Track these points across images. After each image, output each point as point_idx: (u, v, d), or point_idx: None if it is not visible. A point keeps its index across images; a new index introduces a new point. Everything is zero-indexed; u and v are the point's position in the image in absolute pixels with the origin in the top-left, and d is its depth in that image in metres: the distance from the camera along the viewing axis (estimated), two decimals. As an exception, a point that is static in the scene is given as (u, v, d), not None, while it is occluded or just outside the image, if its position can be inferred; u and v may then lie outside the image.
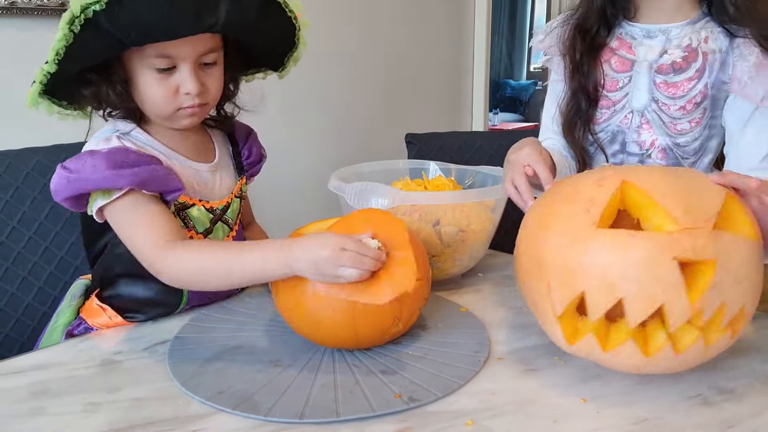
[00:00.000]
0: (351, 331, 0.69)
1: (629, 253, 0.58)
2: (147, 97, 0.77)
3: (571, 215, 0.64)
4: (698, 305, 0.58)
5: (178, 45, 0.73)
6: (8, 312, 1.00)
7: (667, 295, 0.58)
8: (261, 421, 0.59)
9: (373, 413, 0.59)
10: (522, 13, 6.52)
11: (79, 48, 0.68)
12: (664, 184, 0.62)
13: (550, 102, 1.14)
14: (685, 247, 0.57)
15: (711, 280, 0.57)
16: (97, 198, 0.74)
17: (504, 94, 6.40)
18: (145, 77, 0.75)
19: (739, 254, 0.59)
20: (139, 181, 0.73)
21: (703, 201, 0.60)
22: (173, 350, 0.73)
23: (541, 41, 1.12)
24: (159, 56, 0.74)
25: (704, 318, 0.59)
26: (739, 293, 0.59)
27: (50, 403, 0.63)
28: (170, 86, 0.76)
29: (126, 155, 0.74)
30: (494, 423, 0.59)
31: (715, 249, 0.58)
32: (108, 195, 0.73)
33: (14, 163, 1.02)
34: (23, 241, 1.01)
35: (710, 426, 0.58)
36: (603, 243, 0.60)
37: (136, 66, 0.75)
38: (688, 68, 0.96)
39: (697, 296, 0.58)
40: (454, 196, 0.91)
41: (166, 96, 0.76)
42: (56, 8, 1.31)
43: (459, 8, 2.37)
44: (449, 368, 0.68)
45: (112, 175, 0.72)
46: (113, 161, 0.73)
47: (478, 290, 0.94)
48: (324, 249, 0.65)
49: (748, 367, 0.69)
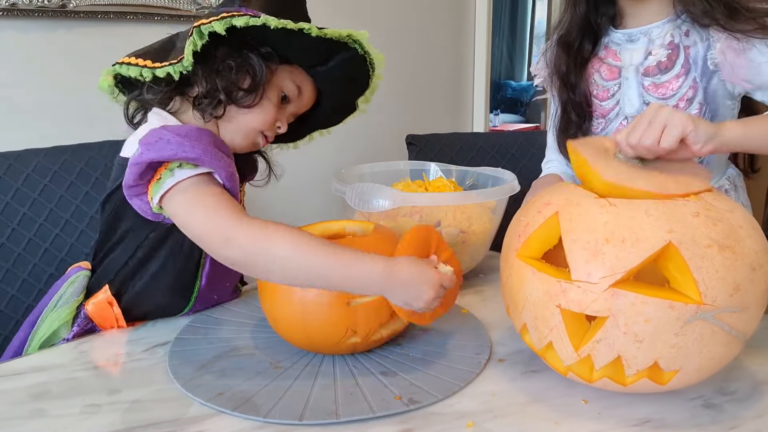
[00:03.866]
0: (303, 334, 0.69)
1: (527, 288, 0.62)
2: (260, 107, 0.79)
3: (512, 233, 0.68)
4: (584, 352, 0.59)
5: (312, 92, 0.84)
6: (8, 314, 1.00)
7: (553, 336, 0.61)
8: (261, 422, 0.59)
9: (372, 415, 0.59)
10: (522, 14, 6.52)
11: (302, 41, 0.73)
12: (587, 226, 0.58)
13: (551, 119, 1.15)
14: (569, 299, 0.58)
15: (597, 332, 0.57)
16: (176, 169, 0.70)
17: (505, 95, 6.40)
18: (272, 94, 0.80)
19: (644, 316, 0.55)
20: (227, 173, 0.73)
21: (620, 252, 0.56)
22: (173, 352, 0.73)
23: (537, 65, 1.13)
24: (296, 84, 0.81)
25: (597, 364, 0.59)
26: (643, 350, 0.56)
27: (50, 405, 0.63)
28: (275, 114, 0.82)
29: (222, 144, 0.77)
30: (495, 424, 0.59)
31: (609, 307, 0.56)
32: (194, 168, 0.71)
33: (14, 165, 1.02)
34: (23, 243, 1.01)
35: (712, 428, 0.58)
36: (512, 272, 0.65)
37: (273, 82, 0.80)
38: (674, 66, 0.95)
39: (582, 344, 0.59)
40: (455, 197, 0.91)
41: (266, 120, 0.81)
42: (57, 10, 1.31)
43: (459, 10, 2.37)
44: (450, 370, 0.68)
45: (215, 153, 0.72)
46: (215, 143, 0.74)
47: (479, 291, 0.94)
48: (431, 290, 0.65)
49: (749, 368, 0.68)
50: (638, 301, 0.55)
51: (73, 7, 1.33)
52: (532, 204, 0.68)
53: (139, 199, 0.75)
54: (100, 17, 1.38)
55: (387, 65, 0.87)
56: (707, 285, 0.55)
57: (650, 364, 0.57)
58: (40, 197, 1.03)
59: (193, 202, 0.71)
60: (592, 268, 0.57)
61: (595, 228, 0.58)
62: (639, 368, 0.58)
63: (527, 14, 6.51)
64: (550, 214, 0.63)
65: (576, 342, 0.59)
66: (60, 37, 1.35)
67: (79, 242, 1.06)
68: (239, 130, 0.81)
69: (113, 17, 1.40)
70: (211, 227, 0.68)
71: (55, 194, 1.04)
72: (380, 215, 0.90)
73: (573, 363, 0.61)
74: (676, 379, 0.58)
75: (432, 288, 0.65)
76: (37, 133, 1.26)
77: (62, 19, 1.33)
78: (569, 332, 0.60)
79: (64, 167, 1.06)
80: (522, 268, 0.63)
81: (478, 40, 2.45)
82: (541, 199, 0.67)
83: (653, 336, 0.56)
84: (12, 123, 1.33)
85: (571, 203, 0.62)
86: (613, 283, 0.56)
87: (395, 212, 0.89)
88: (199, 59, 0.73)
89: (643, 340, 0.56)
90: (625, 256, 0.56)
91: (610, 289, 0.56)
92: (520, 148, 1.49)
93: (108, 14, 1.39)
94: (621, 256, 0.56)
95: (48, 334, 0.82)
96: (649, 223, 0.57)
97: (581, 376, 0.62)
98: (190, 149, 0.70)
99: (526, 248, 0.64)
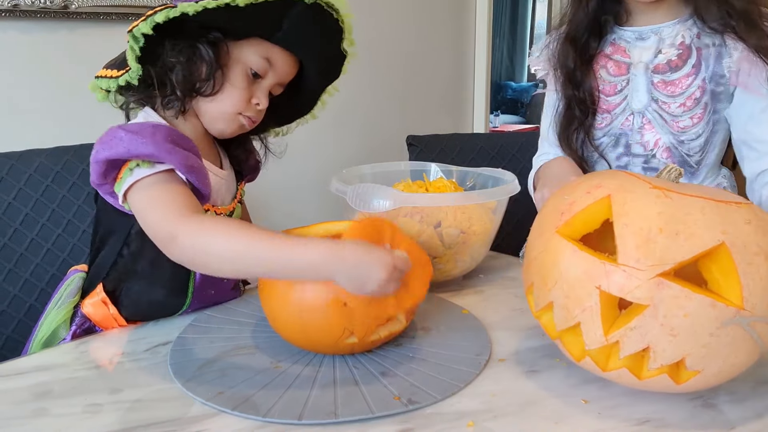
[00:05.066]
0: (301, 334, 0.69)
1: (564, 265, 0.61)
2: (228, 89, 0.79)
3: (552, 210, 0.66)
4: (612, 338, 0.58)
5: (284, 59, 0.81)
6: (10, 313, 1.00)
7: (584, 316, 0.59)
8: (260, 422, 0.59)
9: (371, 415, 0.59)
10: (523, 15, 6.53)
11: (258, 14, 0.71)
12: (640, 212, 0.58)
13: (545, 112, 1.15)
14: (612, 281, 0.57)
15: (633, 320, 0.56)
16: (135, 168, 0.71)
17: (505, 96, 6.40)
18: (235, 75, 0.79)
19: (685, 311, 0.55)
20: (186, 167, 0.73)
21: (672, 244, 0.55)
22: (175, 351, 0.73)
23: (537, 57, 1.13)
24: (262, 57, 0.79)
25: (622, 353, 0.58)
26: (675, 345, 0.56)
27: (52, 405, 0.63)
28: (248, 93, 0.81)
29: (182, 138, 0.75)
30: (495, 424, 0.59)
31: (651, 296, 0.55)
32: (152, 167, 0.72)
33: (17, 165, 1.02)
34: (25, 243, 1.02)
35: (712, 428, 0.58)
36: (548, 248, 0.64)
37: (234, 62, 0.79)
38: (684, 65, 0.96)
39: (611, 330, 0.58)
40: (456, 197, 0.91)
41: (237, 103, 0.80)
42: (59, 11, 1.31)
43: (460, 10, 2.38)
44: (450, 370, 0.68)
45: (169, 148, 0.71)
46: (172, 137, 0.73)
47: (480, 291, 0.94)
48: (382, 270, 0.63)
49: (750, 368, 0.68)
50: (682, 294, 0.55)
51: (75, 8, 1.34)
52: (578, 184, 0.66)
53: (110, 195, 0.77)
54: (102, 18, 1.39)
55: (388, 66, 0.87)
56: (750, 291, 0.55)
57: (677, 359, 0.57)
58: (43, 197, 1.03)
59: (147, 201, 0.72)
60: (642, 255, 0.56)
61: (649, 216, 0.57)
62: (664, 363, 0.57)
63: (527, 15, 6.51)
64: (601, 196, 0.61)
65: (606, 326, 0.59)
66: (62, 38, 1.35)
67: (81, 242, 1.06)
68: (215, 118, 0.82)
69: (115, 18, 1.41)
70: (160, 226, 0.70)
71: (57, 194, 1.04)
72: (381, 216, 0.90)
73: (596, 348, 0.60)
74: (694, 380, 0.58)
75: (383, 268, 0.62)
76: (39, 134, 1.27)
77: (64, 19, 1.34)
78: (602, 315, 0.59)
79: (66, 168, 1.06)
80: (562, 245, 0.62)
81: (479, 41, 2.45)
82: (590, 180, 0.65)
83: (688, 332, 0.55)
84: (14, 123, 1.33)
85: (624, 189, 0.61)
86: (660, 273, 0.55)
87: (396, 213, 0.89)
88: (150, 60, 0.74)
89: (677, 335, 0.56)
90: (677, 249, 0.55)
91: (656, 278, 0.55)
92: (520, 149, 1.50)
93: (110, 15, 1.39)
94: (673, 247, 0.55)
95: (47, 334, 0.83)
96: (704, 221, 0.56)
97: (597, 363, 0.61)
98: (142, 145, 0.70)
99: (568, 226, 0.63)
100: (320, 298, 0.66)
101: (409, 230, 0.89)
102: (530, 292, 0.68)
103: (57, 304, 0.86)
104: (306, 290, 0.67)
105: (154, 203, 0.71)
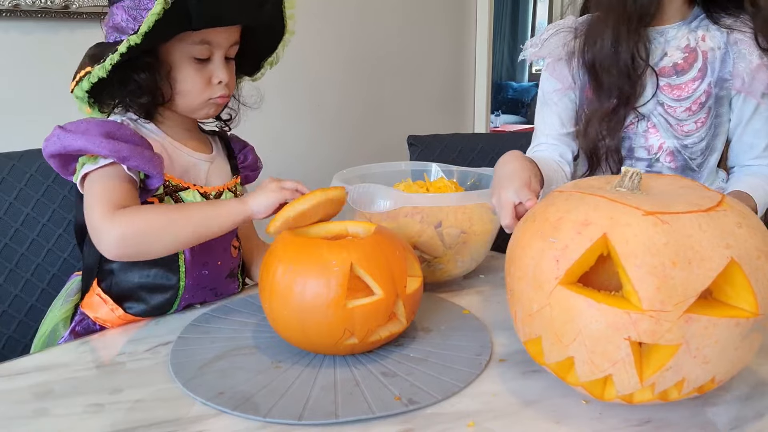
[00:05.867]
0: (301, 334, 0.69)
1: (583, 321, 0.56)
2: (184, 86, 0.82)
3: (542, 256, 0.60)
4: (649, 381, 0.56)
5: (219, 32, 0.81)
6: (11, 314, 1.00)
7: (616, 369, 0.56)
8: (261, 422, 0.59)
9: (372, 415, 0.59)
10: (524, 15, 6.53)
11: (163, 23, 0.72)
12: (648, 249, 0.54)
13: (544, 107, 1.14)
14: (641, 330, 0.54)
15: (668, 362, 0.54)
16: (84, 163, 0.77)
17: (506, 96, 6.41)
18: (183, 67, 0.82)
19: (714, 338, 0.54)
20: (120, 155, 0.75)
21: (689, 275, 0.53)
22: (175, 351, 0.73)
23: (539, 50, 1.09)
24: (200, 43, 0.80)
25: (657, 390, 0.57)
26: (707, 370, 0.55)
27: (53, 405, 0.63)
28: (204, 76, 0.83)
29: (119, 129, 0.77)
30: (496, 424, 0.59)
31: (682, 334, 0.53)
32: (94, 161, 0.76)
33: (18, 165, 1.02)
34: (26, 243, 1.02)
35: (712, 428, 0.58)
36: (555, 303, 0.58)
37: (176, 57, 0.81)
38: (690, 69, 0.96)
39: (649, 374, 0.55)
40: (456, 197, 0.92)
41: (201, 84, 0.83)
42: (59, 11, 1.31)
43: (460, 11, 2.38)
44: (450, 371, 0.68)
45: (99, 141, 0.74)
46: (105, 130, 0.76)
47: (480, 292, 0.94)
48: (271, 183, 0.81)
49: (750, 368, 0.68)
50: (710, 324, 0.53)
51: (75, 8, 1.34)
52: (560, 220, 0.60)
53: None
54: (103, 18, 1.39)
55: (389, 67, 0.88)
56: (762, 296, 0.54)
57: (708, 380, 0.56)
58: (43, 198, 1.03)
59: (89, 196, 0.77)
60: (665, 296, 0.53)
61: (657, 250, 0.53)
62: (695, 386, 0.57)
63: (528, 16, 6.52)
64: (596, 237, 0.56)
65: (640, 372, 0.56)
66: (63, 38, 1.35)
67: (82, 242, 1.06)
68: (188, 110, 0.86)
69: (116, 18, 1.40)
70: (92, 221, 0.75)
71: (58, 195, 1.04)
72: (382, 216, 0.90)
73: (632, 392, 0.57)
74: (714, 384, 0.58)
75: (272, 182, 0.80)
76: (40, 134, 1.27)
77: (65, 20, 1.34)
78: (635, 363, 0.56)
79: (66, 168, 1.06)
80: (572, 299, 0.57)
81: (479, 42, 2.46)
82: (569, 214, 0.60)
83: (719, 356, 0.55)
84: (15, 123, 1.33)
85: (618, 223, 0.56)
86: (686, 309, 0.53)
87: (397, 213, 0.89)
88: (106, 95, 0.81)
89: (709, 362, 0.55)
90: (694, 278, 0.53)
91: (684, 315, 0.53)
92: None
93: (110, 15, 1.39)
94: (691, 278, 0.53)
95: (47, 332, 0.83)
96: (707, 240, 0.54)
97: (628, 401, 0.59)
98: (74, 140, 0.74)
99: (570, 275, 0.58)
100: (320, 299, 0.67)
101: (409, 230, 0.89)
102: (536, 343, 0.63)
103: (58, 304, 0.86)
104: (306, 291, 0.67)
105: (92, 199, 0.76)
